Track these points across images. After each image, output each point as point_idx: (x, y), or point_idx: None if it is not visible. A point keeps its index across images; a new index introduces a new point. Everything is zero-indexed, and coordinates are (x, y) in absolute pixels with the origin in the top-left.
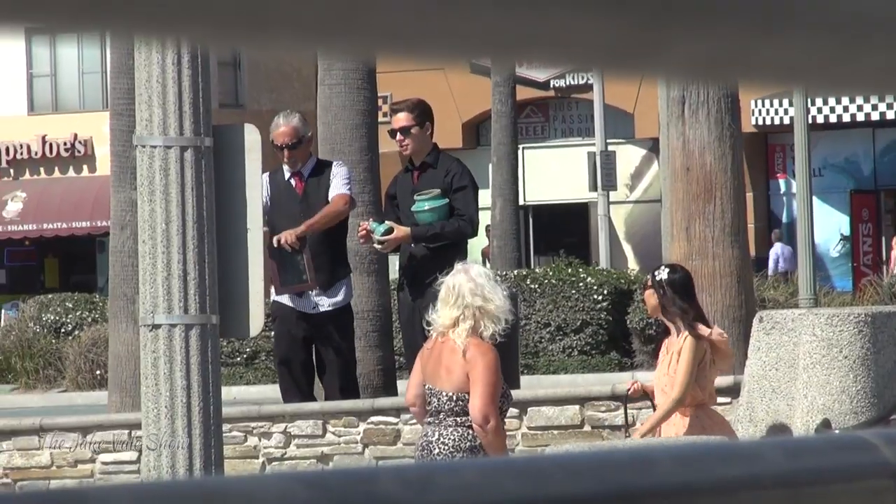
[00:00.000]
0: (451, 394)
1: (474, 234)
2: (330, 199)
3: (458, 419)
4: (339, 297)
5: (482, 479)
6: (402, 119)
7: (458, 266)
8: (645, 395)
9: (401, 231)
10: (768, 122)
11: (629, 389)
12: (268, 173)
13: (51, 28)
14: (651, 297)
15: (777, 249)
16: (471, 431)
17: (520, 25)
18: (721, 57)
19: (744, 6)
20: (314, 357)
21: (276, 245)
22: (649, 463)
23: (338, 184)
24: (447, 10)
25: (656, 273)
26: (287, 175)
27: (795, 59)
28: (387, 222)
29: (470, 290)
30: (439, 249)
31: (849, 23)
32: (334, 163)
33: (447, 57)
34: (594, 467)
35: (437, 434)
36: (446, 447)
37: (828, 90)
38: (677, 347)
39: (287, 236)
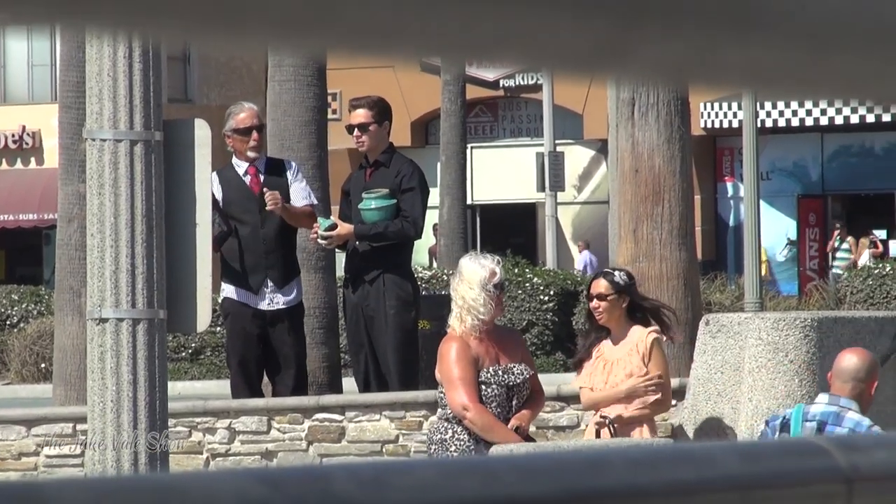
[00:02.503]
0: (439, 386)
1: (418, 236)
2: (305, 190)
3: (441, 410)
4: (293, 295)
5: (436, 479)
6: (360, 115)
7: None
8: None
9: (344, 228)
10: (717, 125)
11: (607, 423)
12: (215, 171)
13: (12, 23)
14: (614, 305)
15: (585, 257)
16: (445, 424)
17: (487, 26)
18: (688, 60)
19: (711, 10)
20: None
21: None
22: (602, 464)
23: (303, 189)
24: (416, 8)
25: (616, 279)
26: (242, 170)
27: (761, 63)
28: (331, 218)
29: (459, 279)
30: (383, 248)
31: (815, 27)
32: (287, 162)
33: (415, 56)
34: (548, 468)
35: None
36: (428, 439)
37: (793, 94)
38: (633, 349)
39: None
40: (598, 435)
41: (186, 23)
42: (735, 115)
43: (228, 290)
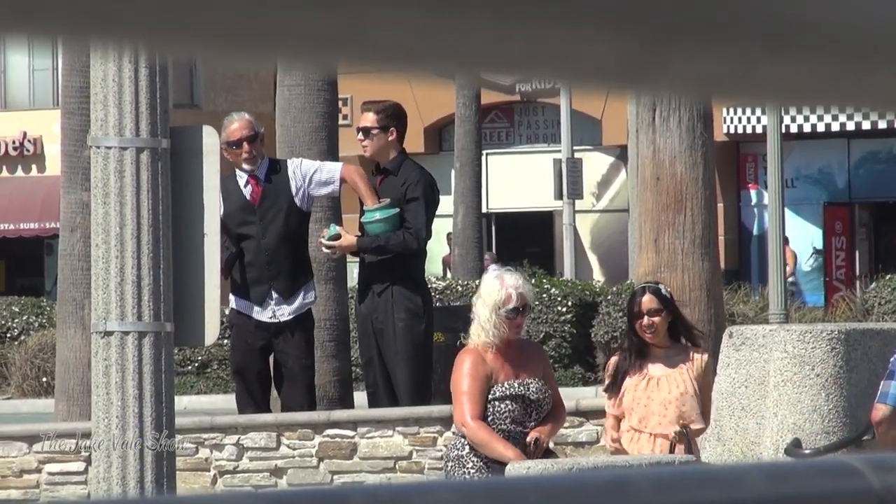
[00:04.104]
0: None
1: (421, 248)
2: (327, 181)
3: (454, 427)
4: (297, 304)
5: (456, 501)
6: (366, 119)
7: (493, 267)
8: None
9: (346, 240)
10: (740, 130)
11: (676, 441)
12: None
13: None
14: (665, 321)
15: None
16: (462, 439)
17: (520, 42)
18: (724, 75)
19: (747, 24)
20: (272, 367)
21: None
22: (627, 486)
23: (322, 167)
24: (447, 25)
25: (663, 292)
26: (243, 181)
27: (797, 78)
28: (336, 228)
29: (478, 293)
30: (392, 259)
31: (853, 41)
32: (289, 161)
33: (447, 72)
34: (571, 489)
35: None
36: (444, 455)
37: (828, 107)
38: (684, 366)
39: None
40: (672, 450)
41: (199, 40)
42: (759, 120)
43: (233, 302)
